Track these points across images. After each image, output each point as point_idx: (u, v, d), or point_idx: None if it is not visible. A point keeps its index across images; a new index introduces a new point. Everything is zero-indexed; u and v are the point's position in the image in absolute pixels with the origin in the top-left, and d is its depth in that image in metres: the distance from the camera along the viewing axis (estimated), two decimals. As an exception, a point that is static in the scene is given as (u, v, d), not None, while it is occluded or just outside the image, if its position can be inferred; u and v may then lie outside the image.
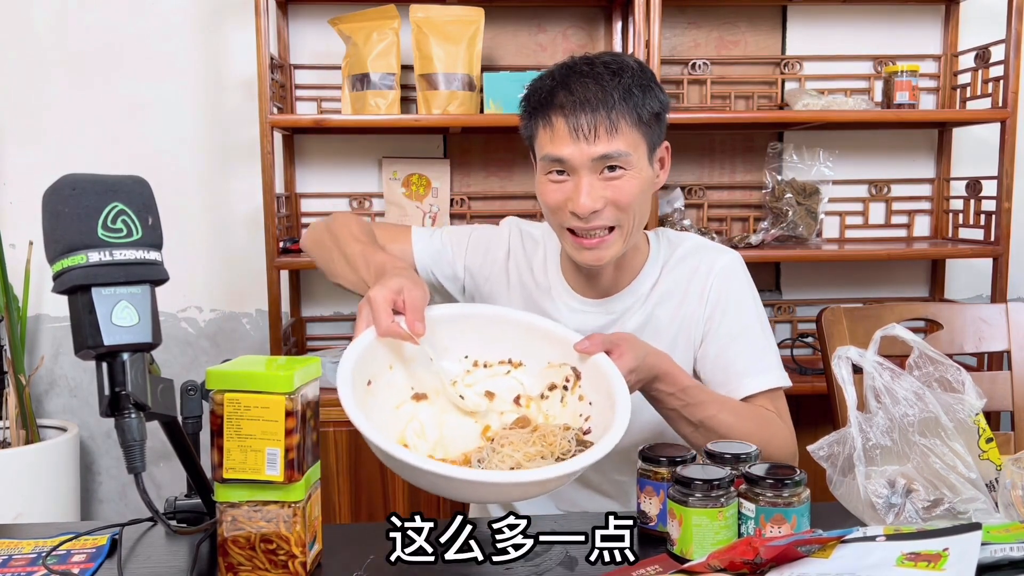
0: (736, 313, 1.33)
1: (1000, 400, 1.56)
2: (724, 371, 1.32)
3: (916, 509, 0.96)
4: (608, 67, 1.22)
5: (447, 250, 1.44)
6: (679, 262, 1.37)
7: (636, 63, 1.25)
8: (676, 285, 1.36)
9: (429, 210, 2.43)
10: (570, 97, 1.21)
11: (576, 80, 1.22)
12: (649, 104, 1.22)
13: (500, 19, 2.46)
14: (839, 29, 2.52)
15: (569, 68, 1.24)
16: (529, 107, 1.27)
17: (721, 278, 1.34)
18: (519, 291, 1.42)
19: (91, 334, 0.82)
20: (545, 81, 1.25)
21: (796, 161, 2.45)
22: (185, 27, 2.43)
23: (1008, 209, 2.26)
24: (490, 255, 1.44)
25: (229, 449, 0.91)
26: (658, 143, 1.28)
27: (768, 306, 2.59)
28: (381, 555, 0.99)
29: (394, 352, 1.14)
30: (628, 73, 1.22)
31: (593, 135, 1.20)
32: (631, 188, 1.22)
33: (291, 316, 2.50)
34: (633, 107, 1.21)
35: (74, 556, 1.01)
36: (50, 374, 2.51)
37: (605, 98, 1.20)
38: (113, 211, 0.84)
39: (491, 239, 1.46)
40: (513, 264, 1.43)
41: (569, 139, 1.20)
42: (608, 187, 1.22)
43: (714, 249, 1.39)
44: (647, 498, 1.05)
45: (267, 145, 2.12)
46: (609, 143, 1.20)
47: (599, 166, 1.21)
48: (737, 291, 1.35)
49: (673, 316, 1.35)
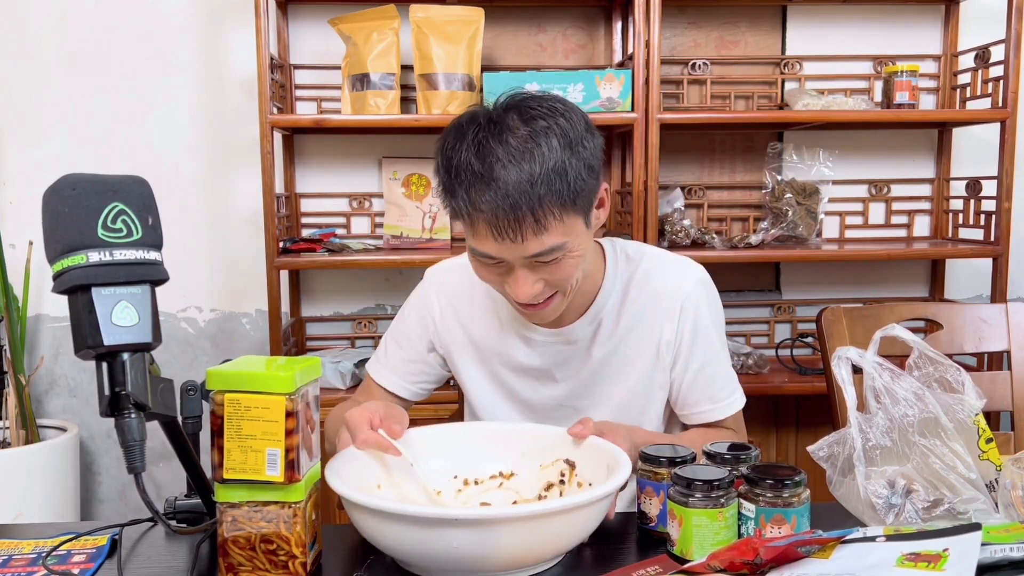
0: (707, 338, 1.30)
1: (1000, 400, 1.56)
2: (697, 396, 1.31)
3: (916, 509, 0.96)
4: (522, 141, 1.07)
5: (404, 357, 1.38)
6: (644, 281, 1.30)
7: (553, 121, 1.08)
8: (644, 310, 1.29)
9: (429, 210, 2.43)
10: (486, 191, 1.05)
11: (492, 168, 1.06)
12: (578, 173, 1.08)
13: (500, 19, 2.46)
14: (839, 29, 2.52)
15: (480, 145, 1.07)
16: (444, 186, 1.12)
17: (694, 301, 1.29)
18: (467, 345, 1.35)
19: (91, 334, 0.82)
20: (457, 159, 1.09)
21: (796, 161, 2.45)
22: (185, 27, 2.43)
23: (1008, 209, 2.26)
24: (428, 323, 1.37)
25: (229, 449, 0.91)
26: (594, 198, 1.15)
27: (768, 306, 2.59)
28: (381, 555, 0.99)
29: (382, 470, 1.11)
30: (545, 145, 1.07)
31: (520, 237, 1.07)
32: (569, 267, 1.13)
33: (291, 316, 2.50)
34: (561, 192, 1.07)
35: (74, 556, 1.01)
36: (50, 374, 2.51)
37: (524, 191, 1.05)
38: (113, 211, 0.84)
39: (422, 307, 1.38)
40: (450, 318, 1.36)
41: (493, 241, 1.09)
42: (545, 271, 1.13)
43: (681, 266, 1.32)
44: (647, 498, 1.05)
45: (267, 145, 2.12)
46: (539, 241, 1.08)
47: (532, 260, 1.11)
48: (708, 315, 1.30)
49: (645, 343, 1.29)
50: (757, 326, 2.58)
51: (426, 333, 1.38)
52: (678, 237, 2.32)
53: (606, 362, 1.30)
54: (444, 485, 1.14)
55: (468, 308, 1.35)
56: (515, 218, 1.06)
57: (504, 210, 1.05)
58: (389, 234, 2.43)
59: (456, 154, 1.09)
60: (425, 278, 1.41)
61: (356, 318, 2.53)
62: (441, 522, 0.88)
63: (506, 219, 1.06)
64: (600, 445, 1.09)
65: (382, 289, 2.54)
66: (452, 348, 1.37)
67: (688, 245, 2.31)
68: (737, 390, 1.34)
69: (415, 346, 1.39)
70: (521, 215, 1.06)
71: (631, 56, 2.20)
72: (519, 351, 1.32)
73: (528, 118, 1.09)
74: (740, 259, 2.30)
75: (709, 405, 1.31)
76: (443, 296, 1.37)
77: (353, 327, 2.52)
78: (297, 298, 2.52)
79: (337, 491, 0.94)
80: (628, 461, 1.02)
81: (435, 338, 1.38)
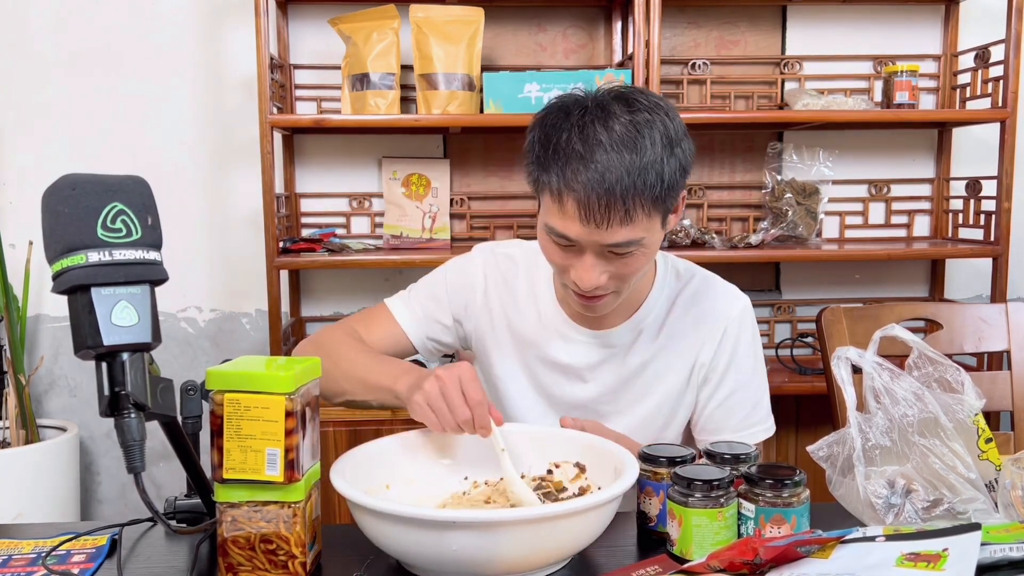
0: (741, 367, 1.29)
1: (1000, 400, 1.56)
2: (718, 424, 1.30)
3: (916, 509, 0.96)
4: (631, 130, 1.07)
5: (429, 310, 1.36)
6: (691, 302, 1.30)
7: (657, 117, 1.09)
8: (686, 328, 1.29)
9: (429, 210, 2.43)
10: (585, 174, 1.06)
11: (593, 150, 1.06)
12: (673, 174, 1.09)
13: (500, 19, 2.46)
14: (839, 29, 2.52)
15: (584, 127, 1.08)
16: (539, 160, 1.12)
17: (736, 327, 1.29)
18: (504, 330, 1.34)
19: (91, 334, 0.82)
20: (558, 137, 1.10)
21: (796, 161, 2.45)
22: (185, 27, 2.43)
23: (1008, 209, 2.26)
24: (467, 295, 1.35)
25: (229, 449, 0.91)
26: (676, 201, 1.15)
27: (768, 306, 2.59)
28: (381, 555, 0.99)
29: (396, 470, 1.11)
30: (649, 139, 1.07)
31: (606, 223, 1.07)
32: (638, 264, 1.14)
33: (291, 316, 2.50)
34: (655, 188, 1.07)
35: (74, 556, 1.01)
36: (50, 374, 2.51)
37: (623, 179, 1.05)
38: (113, 211, 0.84)
39: (465, 276, 1.36)
40: (494, 300, 1.34)
41: (578, 222, 1.09)
42: (613, 263, 1.13)
43: (727, 292, 1.33)
44: (647, 498, 1.05)
45: (267, 145, 2.12)
46: (623, 232, 1.09)
47: (608, 248, 1.11)
48: (747, 343, 1.31)
49: (681, 360, 1.29)
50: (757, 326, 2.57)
51: (461, 303, 1.35)
52: (678, 237, 2.32)
53: (639, 372, 1.29)
54: (455, 486, 1.14)
55: (511, 296, 1.35)
56: (607, 203, 1.06)
57: (599, 193, 1.06)
58: (389, 234, 2.44)
59: (558, 131, 1.10)
60: (475, 254, 1.38)
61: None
62: (439, 524, 0.88)
63: (598, 203, 1.06)
64: (609, 448, 1.08)
65: (382, 289, 2.54)
66: (486, 331, 1.35)
67: (688, 245, 2.31)
68: (764, 421, 1.31)
69: (443, 307, 1.36)
70: (613, 201, 1.06)
71: (631, 56, 2.20)
72: (555, 346, 1.31)
73: (633, 109, 1.09)
74: (740, 259, 2.30)
75: (729, 434, 1.29)
76: (491, 278, 1.35)
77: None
78: (297, 298, 2.52)
79: (339, 490, 0.94)
80: (635, 465, 1.01)
81: (467, 312, 1.35)
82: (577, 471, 1.11)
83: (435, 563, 0.91)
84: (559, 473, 1.13)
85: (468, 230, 2.52)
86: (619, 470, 1.01)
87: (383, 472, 1.10)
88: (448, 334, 1.37)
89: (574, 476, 1.11)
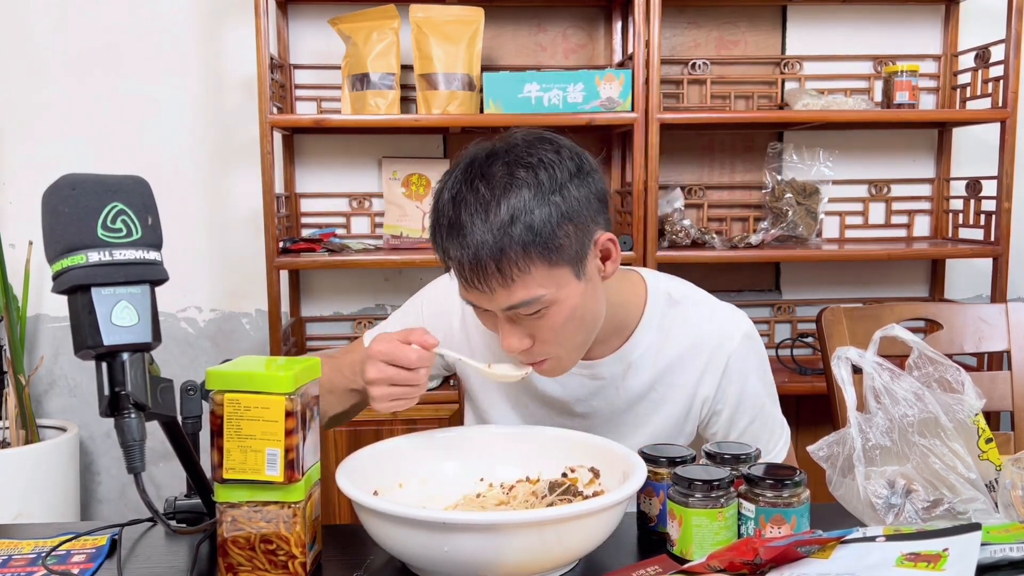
0: (756, 397, 1.24)
1: (1000, 400, 1.56)
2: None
3: (916, 509, 0.96)
4: (495, 188, 1.02)
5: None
6: (685, 328, 1.23)
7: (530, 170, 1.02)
8: (683, 358, 1.22)
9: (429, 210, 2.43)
10: (451, 238, 1.03)
11: (459, 212, 1.02)
12: (550, 223, 1.01)
13: (500, 19, 2.46)
14: (839, 29, 2.52)
15: (457, 189, 1.04)
16: (430, 231, 1.09)
17: (740, 359, 1.22)
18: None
19: (91, 334, 0.82)
20: (439, 203, 1.07)
21: (796, 161, 2.45)
22: (185, 27, 2.43)
23: (1008, 209, 2.26)
24: (445, 322, 1.30)
25: (229, 449, 0.91)
26: (585, 249, 1.06)
27: (768, 306, 2.59)
28: (381, 555, 0.99)
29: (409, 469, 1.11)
30: (524, 191, 1.01)
31: (487, 287, 1.03)
32: (556, 323, 1.07)
33: (291, 316, 2.50)
34: (530, 243, 1.01)
35: (74, 556, 1.01)
36: (50, 374, 2.51)
37: (486, 239, 1.00)
38: (113, 211, 0.84)
39: (441, 302, 1.31)
40: (472, 327, 1.27)
41: (465, 289, 1.06)
42: (531, 325, 1.08)
43: (728, 319, 1.25)
44: (647, 498, 1.05)
45: (267, 145, 2.12)
46: (508, 293, 1.03)
47: (510, 314, 1.06)
48: (755, 373, 1.24)
49: (679, 392, 1.23)
50: (757, 326, 2.51)
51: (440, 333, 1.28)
52: (678, 237, 2.32)
53: (633, 404, 1.25)
54: (468, 488, 1.13)
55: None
56: (479, 268, 1.02)
57: (469, 261, 1.02)
58: (389, 234, 2.43)
59: (440, 198, 1.07)
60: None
61: (356, 318, 2.53)
62: (435, 526, 0.88)
63: (472, 270, 1.02)
64: (620, 452, 1.07)
65: (382, 289, 2.55)
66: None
67: (688, 245, 2.31)
68: (783, 435, 1.28)
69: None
70: (483, 266, 1.01)
71: (631, 56, 2.20)
72: (541, 379, 1.24)
73: (512, 166, 1.03)
74: (740, 259, 2.30)
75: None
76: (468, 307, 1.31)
77: (353, 327, 2.52)
78: (297, 298, 2.52)
79: (341, 488, 0.94)
80: (643, 467, 1.00)
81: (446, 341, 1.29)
82: (592, 476, 1.11)
83: (436, 564, 0.90)
84: (574, 477, 1.13)
85: (468, 230, 2.51)
86: (627, 474, 1.01)
87: (396, 470, 1.10)
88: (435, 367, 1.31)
89: (589, 480, 1.10)
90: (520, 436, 1.19)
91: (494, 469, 1.15)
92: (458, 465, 1.14)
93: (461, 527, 0.88)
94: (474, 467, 1.15)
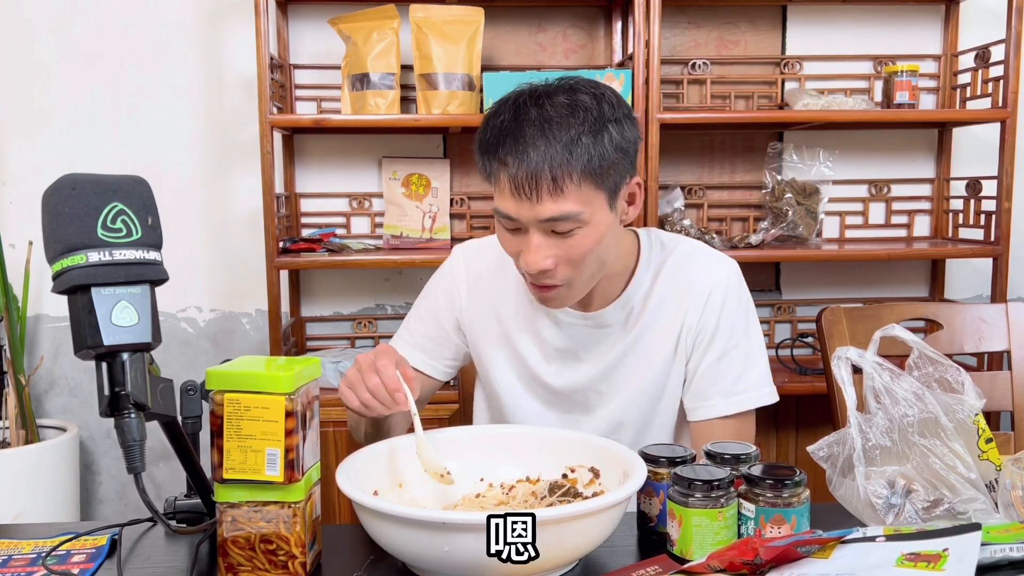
0: (729, 329, 1.28)
1: (1000, 400, 1.56)
2: (708, 387, 1.28)
3: (916, 509, 0.96)
4: (559, 109, 1.11)
5: (432, 335, 1.38)
6: (674, 269, 1.30)
7: (593, 99, 1.12)
8: (670, 294, 1.29)
9: (429, 210, 2.43)
10: (513, 148, 1.10)
11: (522, 126, 1.11)
12: (604, 150, 1.10)
13: (500, 19, 2.46)
14: (839, 29, 2.52)
15: (518, 108, 1.13)
16: (480, 149, 1.17)
17: (722, 290, 1.29)
18: (494, 326, 1.35)
19: (91, 334, 0.82)
20: (495, 121, 1.14)
21: (796, 161, 2.45)
22: (185, 27, 2.43)
23: (1008, 209, 2.26)
24: (455, 295, 1.38)
25: (229, 449, 0.91)
26: (621, 184, 1.16)
27: (768, 306, 2.59)
28: (381, 555, 0.99)
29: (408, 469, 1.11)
30: (580, 116, 1.10)
31: (536, 196, 1.10)
32: (584, 245, 1.14)
33: (291, 316, 2.50)
34: (582, 159, 1.09)
35: (74, 556, 1.01)
36: (50, 374, 2.51)
37: (548, 152, 1.08)
38: (113, 211, 0.84)
39: (449, 278, 1.39)
40: (478, 292, 1.36)
41: (512, 198, 1.12)
42: (559, 245, 1.14)
43: (712, 257, 1.33)
44: (647, 498, 1.05)
45: (267, 145, 2.12)
46: (555, 204, 1.10)
47: (548, 226, 1.12)
48: (735, 304, 1.30)
49: (669, 328, 1.29)
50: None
51: (452, 309, 1.38)
52: (678, 237, 2.32)
53: (631, 347, 1.30)
54: (468, 488, 1.14)
55: (498, 284, 1.36)
56: (534, 175, 1.09)
57: (526, 165, 1.09)
58: (389, 234, 2.43)
59: (497, 115, 1.14)
60: (454, 253, 1.41)
61: (356, 318, 2.53)
62: (435, 526, 0.88)
63: (527, 178, 1.09)
64: (618, 451, 1.07)
65: (382, 289, 2.55)
66: (477, 326, 1.36)
67: (688, 245, 2.30)
68: (760, 387, 1.29)
69: (439, 322, 1.38)
70: (540, 172, 1.08)
71: (631, 56, 2.20)
72: (547, 330, 1.32)
73: (573, 93, 1.13)
74: (740, 259, 2.25)
75: (720, 399, 1.27)
76: (472, 271, 1.38)
77: (353, 327, 2.52)
78: (297, 298, 2.52)
79: (341, 488, 0.94)
80: (643, 467, 1.00)
81: (461, 314, 1.37)
82: (592, 476, 1.11)
83: (436, 564, 0.90)
84: (574, 477, 1.13)
85: (468, 230, 2.51)
86: (627, 474, 1.01)
87: (396, 470, 1.10)
88: (456, 345, 1.39)
89: (589, 480, 1.10)
90: (520, 436, 1.19)
91: (494, 469, 1.15)
92: (458, 465, 1.14)
93: (461, 527, 0.87)
94: (474, 467, 1.15)
